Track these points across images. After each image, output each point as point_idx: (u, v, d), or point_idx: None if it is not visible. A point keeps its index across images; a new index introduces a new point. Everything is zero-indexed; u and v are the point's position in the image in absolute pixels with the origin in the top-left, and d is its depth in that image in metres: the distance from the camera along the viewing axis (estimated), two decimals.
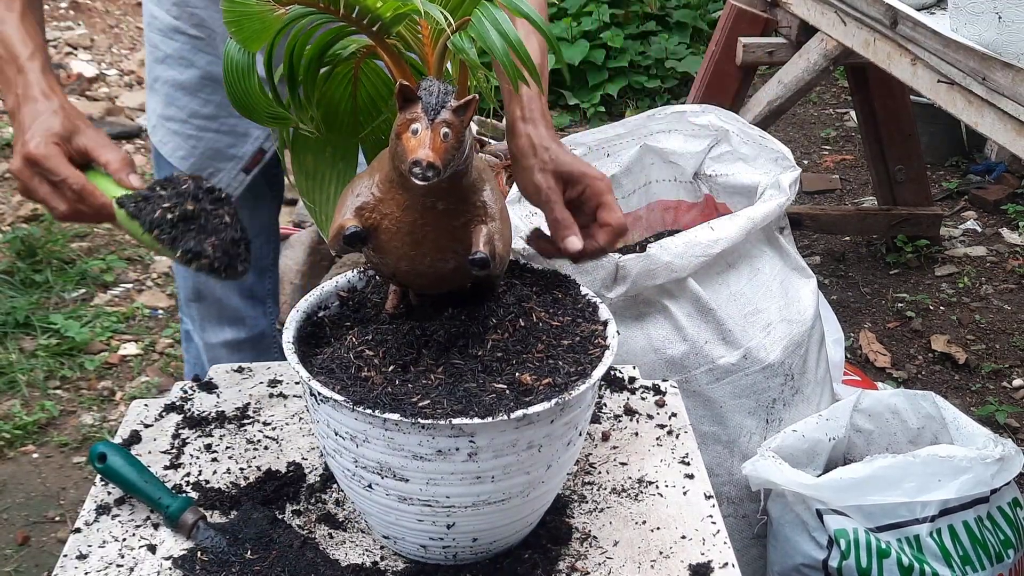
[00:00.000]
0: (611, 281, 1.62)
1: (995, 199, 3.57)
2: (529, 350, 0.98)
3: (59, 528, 2.30)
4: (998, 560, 1.63)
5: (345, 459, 0.96)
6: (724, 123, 1.98)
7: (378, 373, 0.95)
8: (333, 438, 0.95)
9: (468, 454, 0.91)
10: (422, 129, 0.82)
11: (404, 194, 0.92)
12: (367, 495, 0.97)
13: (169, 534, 1.07)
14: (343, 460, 0.97)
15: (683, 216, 2.07)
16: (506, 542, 1.02)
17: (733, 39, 2.73)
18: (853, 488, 1.59)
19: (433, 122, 0.83)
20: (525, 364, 0.96)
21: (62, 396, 2.72)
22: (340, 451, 0.96)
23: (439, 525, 0.97)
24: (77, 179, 1.12)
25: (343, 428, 0.93)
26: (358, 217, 0.93)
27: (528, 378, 0.93)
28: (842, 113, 4.44)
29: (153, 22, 1.56)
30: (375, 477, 0.95)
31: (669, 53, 4.54)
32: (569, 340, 1.00)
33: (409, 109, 0.84)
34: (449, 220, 0.93)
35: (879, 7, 2.06)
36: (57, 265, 3.25)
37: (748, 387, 1.69)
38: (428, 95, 0.83)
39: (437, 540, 0.98)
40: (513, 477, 0.94)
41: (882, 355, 2.81)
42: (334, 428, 0.94)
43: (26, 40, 1.19)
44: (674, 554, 1.04)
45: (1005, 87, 1.66)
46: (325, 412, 0.94)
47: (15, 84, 1.17)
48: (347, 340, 0.99)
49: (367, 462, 0.94)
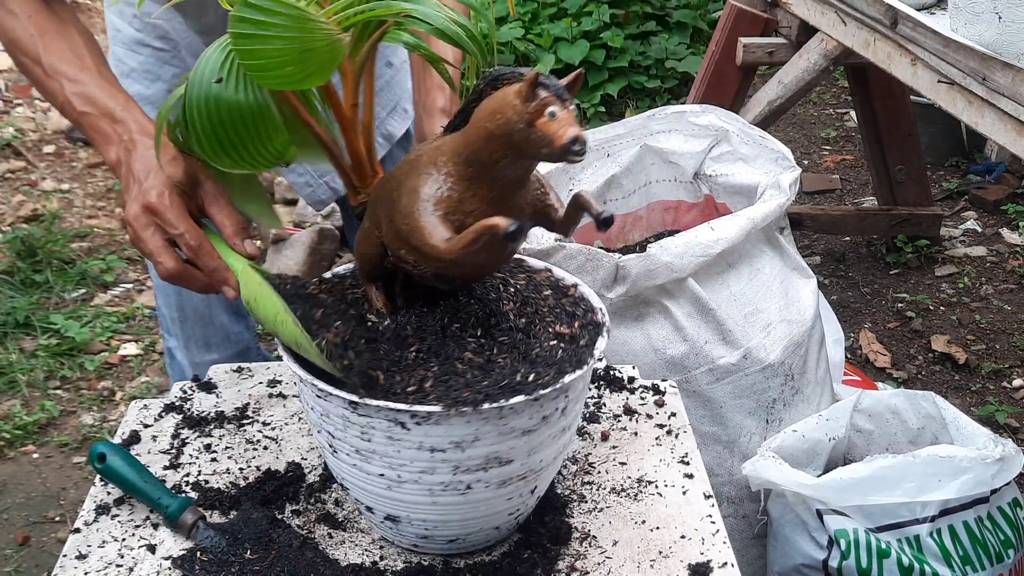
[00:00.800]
0: (611, 281, 1.62)
1: (995, 199, 3.57)
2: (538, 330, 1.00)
3: (59, 528, 2.30)
4: (998, 560, 1.63)
5: (440, 474, 0.94)
6: (724, 123, 1.98)
7: (428, 371, 0.95)
8: (427, 459, 0.93)
9: (562, 409, 0.96)
10: (559, 110, 0.83)
11: (488, 188, 0.90)
12: (460, 500, 0.96)
13: (169, 534, 1.07)
14: (437, 476, 0.94)
15: (683, 216, 2.07)
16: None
17: (733, 39, 2.73)
18: (853, 488, 1.59)
19: (565, 102, 0.84)
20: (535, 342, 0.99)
21: (62, 396, 2.72)
22: (433, 468, 0.93)
23: (524, 495, 1.00)
24: (196, 235, 1.06)
25: (445, 441, 0.91)
26: (447, 223, 0.90)
27: (563, 328, 1.00)
28: (842, 113, 4.44)
29: (117, 35, 1.53)
30: (478, 475, 0.94)
31: (669, 53, 4.53)
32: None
33: (532, 96, 0.84)
34: (521, 203, 0.94)
35: (879, 7, 2.06)
36: (57, 265, 3.25)
37: (748, 387, 1.69)
38: (547, 79, 0.84)
39: (514, 513, 1.02)
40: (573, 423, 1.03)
41: (882, 355, 2.81)
42: (430, 446, 0.92)
43: (113, 93, 1.16)
44: (673, 554, 1.04)
45: (1005, 87, 1.66)
46: (420, 433, 0.91)
47: (114, 136, 1.13)
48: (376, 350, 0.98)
49: (472, 463, 0.93)
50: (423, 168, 0.93)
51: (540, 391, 0.91)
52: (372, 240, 1.01)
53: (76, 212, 3.63)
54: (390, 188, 0.97)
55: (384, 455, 0.94)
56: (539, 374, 0.93)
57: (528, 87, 0.84)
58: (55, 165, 3.95)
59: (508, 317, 1.02)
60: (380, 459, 0.94)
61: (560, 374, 0.93)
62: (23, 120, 4.22)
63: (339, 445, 0.97)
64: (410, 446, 0.92)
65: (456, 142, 0.91)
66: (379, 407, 0.90)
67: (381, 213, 0.98)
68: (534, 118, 0.84)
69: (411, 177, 0.93)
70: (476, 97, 0.92)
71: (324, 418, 0.96)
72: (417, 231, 0.90)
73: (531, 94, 0.84)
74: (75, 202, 3.70)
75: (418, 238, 0.90)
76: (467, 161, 0.90)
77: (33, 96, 4.42)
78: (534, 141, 0.84)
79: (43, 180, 3.82)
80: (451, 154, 0.91)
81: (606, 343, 1.00)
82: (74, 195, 3.74)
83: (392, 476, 0.95)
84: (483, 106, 0.88)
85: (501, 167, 0.88)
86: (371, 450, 0.94)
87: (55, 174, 3.88)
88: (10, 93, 4.46)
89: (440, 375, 0.94)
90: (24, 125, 4.17)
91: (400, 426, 0.91)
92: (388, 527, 1.02)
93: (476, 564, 1.03)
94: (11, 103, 4.39)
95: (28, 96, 4.43)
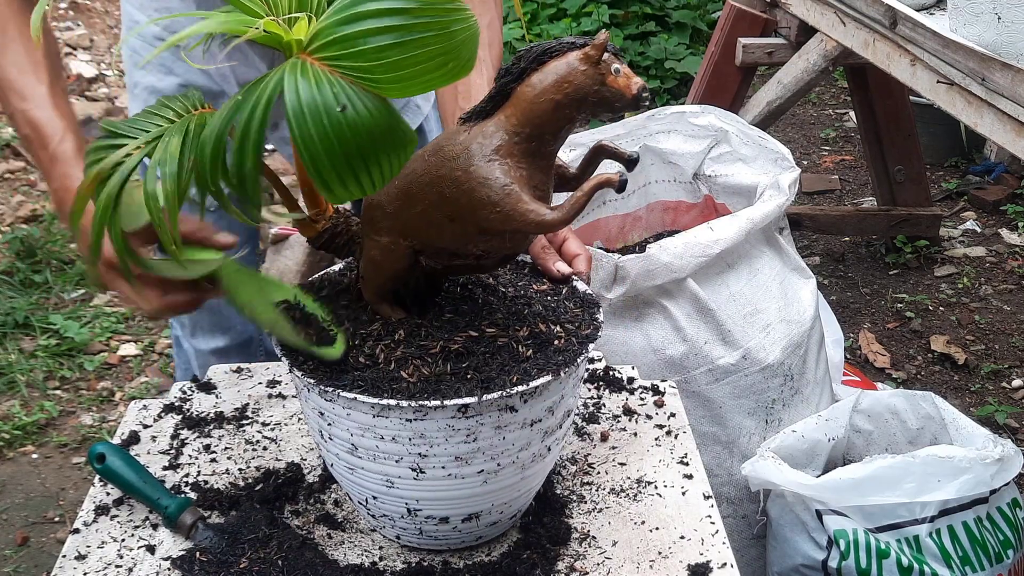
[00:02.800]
0: (611, 281, 1.62)
1: (994, 199, 3.57)
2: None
3: (58, 528, 2.30)
4: (997, 560, 1.63)
5: (533, 446, 0.98)
6: (724, 124, 1.98)
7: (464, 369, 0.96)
8: (527, 435, 0.96)
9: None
10: (622, 67, 0.91)
11: (544, 159, 0.95)
12: (541, 466, 1.02)
13: (168, 534, 1.07)
14: (530, 449, 0.98)
15: (683, 216, 2.07)
16: None
17: (733, 39, 2.73)
18: (853, 488, 1.59)
19: (621, 59, 0.92)
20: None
21: (62, 396, 2.72)
22: (529, 442, 0.97)
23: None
24: (152, 295, 1.03)
25: (542, 409, 0.96)
26: (535, 199, 0.94)
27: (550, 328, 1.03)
28: (842, 113, 4.44)
29: (134, 27, 1.54)
30: (556, 435, 1.01)
31: (669, 53, 4.54)
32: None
33: (600, 59, 0.91)
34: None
35: (879, 7, 2.06)
36: (57, 265, 3.25)
37: (747, 387, 1.69)
38: (609, 44, 0.91)
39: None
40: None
41: (881, 355, 2.81)
42: (532, 419, 0.96)
43: (55, 119, 1.13)
44: (673, 554, 1.04)
45: (1005, 87, 1.66)
46: (526, 410, 0.94)
47: (53, 175, 1.12)
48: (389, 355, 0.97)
49: (554, 422, 0.99)
50: (479, 158, 0.92)
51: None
52: (400, 253, 0.98)
53: None
54: (438, 189, 0.94)
55: (487, 448, 0.94)
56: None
57: (598, 51, 0.90)
58: None
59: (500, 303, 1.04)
60: (482, 455, 0.95)
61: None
62: None
63: (430, 463, 0.94)
64: (516, 427, 0.94)
65: (511, 122, 0.92)
66: (491, 400, 0.91)
67: (421, 220, 0.95)
68: (605, 77, 0.91)
69: (469, 171, 0.92)
70: (516, 77, 0.93)
71: (413, 443, 0.93)
72: (517, 215, 0.92)
73: (599, 57, 0.91)
74: None
75: (520, 221, 0.92)
76: (529, 137, 0.92)
77: None
78: (608, 97, 0.91)
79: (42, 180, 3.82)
80: (510, 134, 0.92)
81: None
82: None
83: (491, 468, 0.96)
84: (535, 81, 0.91)
85: (563, 135, 0.94)
86: (474, 450, 0.94)
87: None
88: None
89: (476, 358, 0.95)
90: None
91: (510, 410, 0.93)
92: (436, 529, 1.01)
93: (476, 564, 1.03)
94: None
95: None
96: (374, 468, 0.96)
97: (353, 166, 0.81)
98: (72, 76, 4.62)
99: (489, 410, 0.92)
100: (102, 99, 4.50)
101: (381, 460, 0.95)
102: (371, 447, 0.94)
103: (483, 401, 0.90)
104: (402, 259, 0.98)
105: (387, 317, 1.00)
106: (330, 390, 0.92)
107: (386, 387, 0.92)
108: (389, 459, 0.94)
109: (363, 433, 0.94)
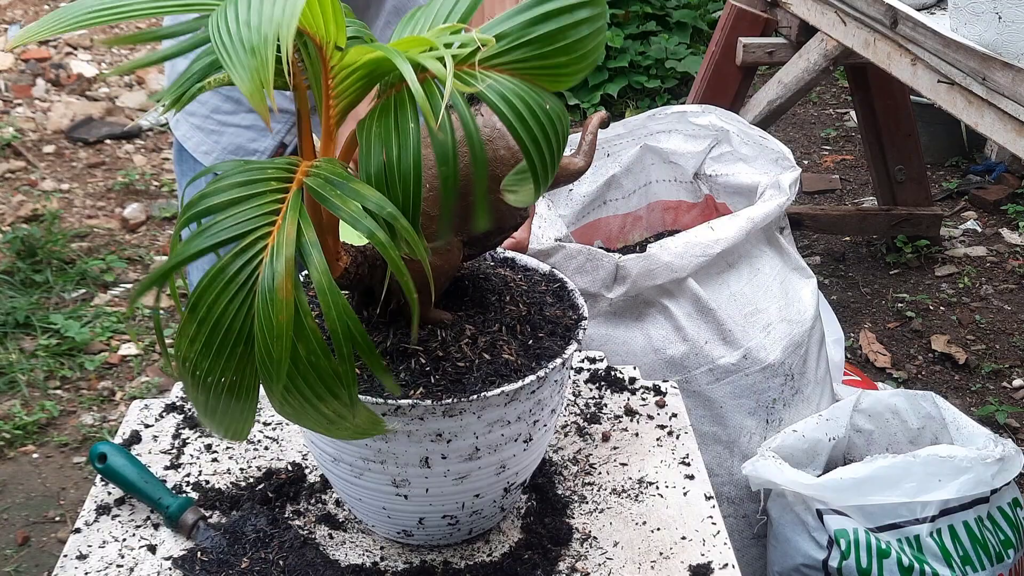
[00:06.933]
0: (611, 281, 1.62)
1: (995, 199, 3.57)
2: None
3: (59, 528, 2.30)
4: (998, 560, 1.64)
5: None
6: (724, 123, 1.98)
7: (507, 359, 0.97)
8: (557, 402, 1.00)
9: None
10: None
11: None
12: (548, 437, 1.04)
13: (169, 534, 1.07)
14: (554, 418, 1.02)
15: (683, 216, 2.08)
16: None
17: (733, 39, 2.73)
18: (853, 488, 1.59)
19: None
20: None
21: (62, 396, 2.72)
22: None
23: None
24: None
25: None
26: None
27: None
28: (842, 113, 4.44)
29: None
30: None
31: (669, 53, 4.53)
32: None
33: None
34: None
35: (879, 7, 2.06)
36: (57, 265, 3.25)
37: (748, 387, 1.69)
38: None
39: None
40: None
41: (882, 355, 2.81)
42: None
43: None
44: (674, 555, 1.04)
45: (1005, 87, 1.66)
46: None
47: None
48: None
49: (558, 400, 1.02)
50: (497, 133, 0.97)
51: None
52: (456, 250, 0.97)
53: (76, 212, 3.63)
54: (491, 173, 0.94)
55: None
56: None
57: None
58: (55, 165, 3.95)
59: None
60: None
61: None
62: (23, 120, 4.22)
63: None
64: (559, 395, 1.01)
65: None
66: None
67: (484, 204, 0.92)
68: None
69: (511, 146, 0.96)
70: None
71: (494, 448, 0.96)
72: (561, 168, 1.00)
73: None
74: (75, 202, 3.70)
75: (566, 172, 1.01)
76: None
77: (33, 96, 4.43)
78: None
79: (43, 180, 3.82)
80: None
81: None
82: (74, 195, 3.74)
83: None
84: None
85: None
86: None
87: (55, 174, 3.88)
88: (10, 93, 4.46)
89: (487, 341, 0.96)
90: (24, 125, 4.17)
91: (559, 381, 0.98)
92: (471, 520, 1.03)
93: (477, 564, 1.03)
94: (11, 103, 4.39)
95: (28, 96, 4.43)
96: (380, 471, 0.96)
97: (558, 156, 0.84)
98: (73, 76, 4.62)
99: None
100: (102, 99, 4.51)
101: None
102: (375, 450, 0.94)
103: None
104: (457, 256, 0.98)
105: (441, 321, 0.98)
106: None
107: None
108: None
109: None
